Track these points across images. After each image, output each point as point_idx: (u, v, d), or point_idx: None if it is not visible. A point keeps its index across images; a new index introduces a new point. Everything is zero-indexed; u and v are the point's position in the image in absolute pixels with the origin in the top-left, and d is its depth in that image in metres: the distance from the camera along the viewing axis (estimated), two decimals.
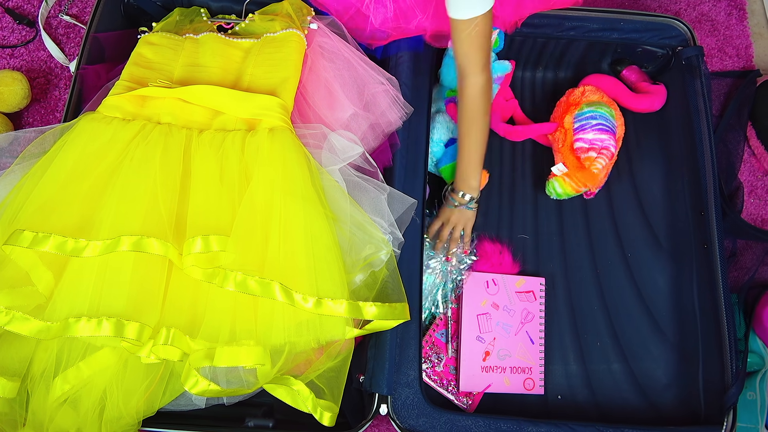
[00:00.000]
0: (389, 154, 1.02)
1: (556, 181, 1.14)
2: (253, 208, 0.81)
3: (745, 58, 1.41)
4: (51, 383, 0.82)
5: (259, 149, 0.85)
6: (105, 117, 0.88)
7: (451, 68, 1.14)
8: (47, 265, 0.80)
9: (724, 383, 0.99)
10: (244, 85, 0.93)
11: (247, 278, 0.76)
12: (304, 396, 0.84)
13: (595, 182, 1.12)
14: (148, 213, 0.80)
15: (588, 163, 1.09)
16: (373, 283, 0.88)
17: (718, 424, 0.97)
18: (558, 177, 1.14)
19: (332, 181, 0.87)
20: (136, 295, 0.78)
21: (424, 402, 0.93)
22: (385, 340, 0.92)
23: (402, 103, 1.01)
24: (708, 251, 1.05)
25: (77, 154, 0.83)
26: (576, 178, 1.12)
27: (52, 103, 1.27)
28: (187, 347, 0.79)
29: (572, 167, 1.12)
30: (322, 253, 0.81)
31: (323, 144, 0.90)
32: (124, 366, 0.84)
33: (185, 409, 0.89)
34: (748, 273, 1.16)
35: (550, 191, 1.16)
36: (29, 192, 0.80)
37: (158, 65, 0.96)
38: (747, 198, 1.28)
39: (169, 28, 1.04)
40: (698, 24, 1.43)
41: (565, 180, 1.13)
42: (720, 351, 1.01)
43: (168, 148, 0.85)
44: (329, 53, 0.98)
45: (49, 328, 0.77)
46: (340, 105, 0.95)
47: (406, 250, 0.94)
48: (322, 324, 0.81)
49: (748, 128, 1.31)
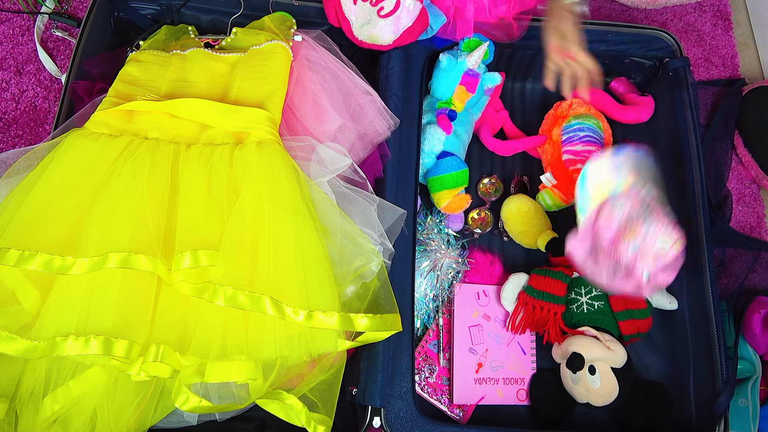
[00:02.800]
0: (380, 165, 1.02)
1: (546, 193, 1.14)
2: (242, 221, 0.81)
3: (731, 68, 1.43)
4: (40, 403, 0.81)
5: (247, 163, 0.85)
6: (92, 133, 0.88)
7: (441, 80, 1.14)
8: (34, 283, 0.79)
9: (715, 391, 0.99)
10: (231, 99, 0.93)
11: (237, 293, 0.76)
12: (297, 410, 0.83)
13: None
14: (136, 229, 0.79)
15: (576, 175, 1.10)
16: (365, 294, 0.87)
17: None
18: (548, 189, 1.14)
19: (321, 193, 0.87)
20: (124, 312, 0.77)
21: (417, 414, 0.92)
22: (378, 352, 0.92)
23: (389, 114, 1.01)
24: (697, 260, 1.06)
25: (64, 171, 0.83)
26: (566, 189, 1.12)
27: (41, 116, 1.26)
28: (177, 364, 0.79)
29: (561, 179, 1.13)
30: (312, 266, 0.81)
31: (311, 156, 0.90)
32: (114, 384, 0.83)
33: (177, 426, 0.88)
34: (738, 280, 1.16)
35: (540, 203, 1.16)
36: (15, 209, 0.80)
37: (145, 82, 0.96)
38: (735, 206, 1.29)
39: (156, 46, 1.04)
40: (684, 34, 1.45)
41: (555, 192, 1.13)
42: (710, 359, 1.01)
43: (156, 163, 0.85)
44: (315, 65, 0.98)
45: (36, 348, 0.76)
46: (328, 117, 0.95)
47: (397, 260, 0.94)
48: (313, 337, 0.81)
49: (735, 137, 1.32)
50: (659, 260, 0.90)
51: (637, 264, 0.90)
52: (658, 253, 0.89)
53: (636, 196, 0.92)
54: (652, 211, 0.91)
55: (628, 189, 0.93)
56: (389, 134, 1.02)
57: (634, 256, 0.90)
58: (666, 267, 0.90)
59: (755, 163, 1.29)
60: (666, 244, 0.89)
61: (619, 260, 0.91)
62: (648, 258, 0.90)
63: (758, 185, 1.33)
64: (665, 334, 1.11)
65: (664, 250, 0.89)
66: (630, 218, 0.91)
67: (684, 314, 1.08)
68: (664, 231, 0.90)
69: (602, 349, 1.01)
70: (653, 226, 0.90)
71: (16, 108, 1.26)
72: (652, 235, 0.90)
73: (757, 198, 1.32)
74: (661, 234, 0.90)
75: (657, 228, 0.90)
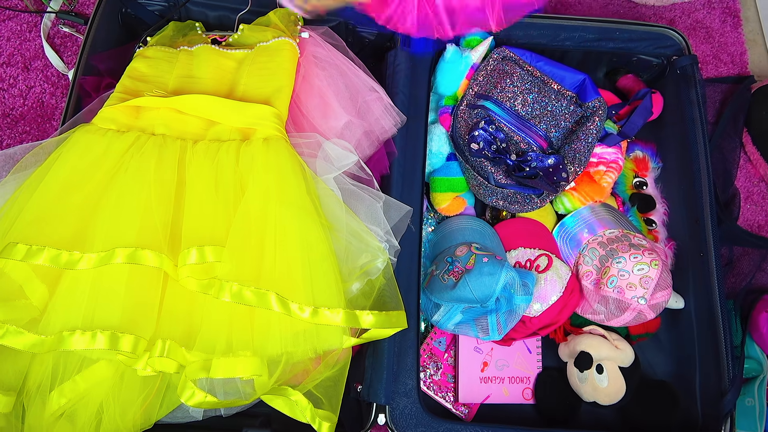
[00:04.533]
0: (386, 162, 1.01)
1: (565, 196, 1.13)
2: (249, 218, 0.81)
3: (740, 65, 1.42)
4: (47, 397, 0.82)
5: (253, 159, 0.85)
6: (99, 129, 0.88)
7: (445, 73, 1.13)
8: (41, 277, 0.79)
9: (721, 390, 0.98)
10: (238, 95, 0.93)
11: (242, 289, 0.76)
12: (303, 406, 0.83)
13: (603, 195, 1.12)
14: (142, 225, 0.79)
15: (598, 177, 1.10)
16: (370, 291, 0.87)
17: None
18: (567, 192, 1.13)
19: (327, 189, 0.87)
20: (131, 307, 0.78)
21: (422, 411, 0.92)
22: (383, 349, 0.92)
23: (396, 111, 1.01)
24: (704, 259, 1.05)
25: (71, 166, 0.83)
26: (585, 192, 1.11)
27: (48, 112, 1.27)
28: (183, 359, 0.79)
29: (580, 181, 1.12)
30: (318, 262, 0.81)
31: (318, 153, 0.90)
32: (121, 379, 0.84)
33: (182, 421, 0.89)
34: (745, 279, 1.15)
35: (558, 207, 1.15)
36: (23, 204, 0.80)
37: (152, 78, 0.96)
38: (743, 204, 1.28)
39: (164, 42, 1.04)
40: (693, 31, 1.44)
41: (574, 195, 1.12)
42: (717, 358, 1.00)
43: (162, 159, 0.85)
44: (322, 62, 0.98)
45: (44, 342, 0.76)
46: (334, 113, 0.95)
47: (403, 258, 0.94)
48: (319, 333, 0.81)
49: (743, 134, 1.31)
50: (647, 283, 0.98)
51: (627, 295, 0.98)
52: (642, 278, 0.97)
53: (599, 242, 1.05)
54: (618, 249, 1.02)
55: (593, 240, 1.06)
56: (396, 131, 1.02)
57: (619, 291, 0.98)
58: (657, 286, 0.98)
59: (764, 161, 1.28)
60: (644, 267, 0.98)
61: (607, 299, 1.00)
62: (636, 287, 0.98)
63: (766, 183, 1.31)
64: (671, 333, 1.10)
65: (646, 274, 0.97)
66: (600, 262, 1.03)
67: (690, 313, 1.07)
68: (637, 258, 0.99)
69: (610, 348, 1.01)
70: (623, 260, 1.00)
71: (24, 104, 1.27)
72: (627, 267, 0.99)
73: (765, 196, 1.31)
74: (635, 262, 0.99)
75: (628, 259, 1.00)
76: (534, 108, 1.10)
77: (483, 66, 1.12)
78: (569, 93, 1.12)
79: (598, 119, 1.07)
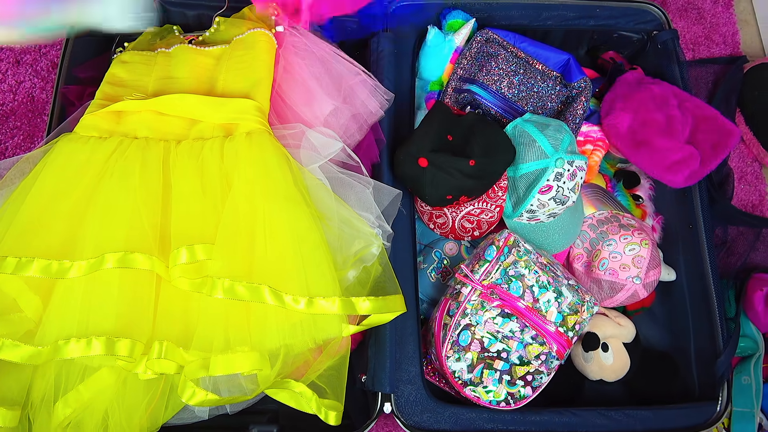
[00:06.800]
0: (376, 150, 1.01)
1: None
2: (237, 213, 0.80)
3: (732, 45, 1.40)
4: (52, 408, 0.82)
5: (237, 154, 0.84)
6: (81, 137, 0.87)
7: (430, 58, 1.12)
8: (34, 289, 0.79)
9: (715, 353, 0.99)
10: (218, 92, 0.93)
11: (234, 284, 0.75)
12: (307, 397, 0.83)
13: (591, 174, 1.11)
14: (131, 228, 0.79)
15: None
16: (366, 278, 0.87)
17: (713, 400, 0.96)
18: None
19: (315, 179, 0.86)
20: (125, 311, 0.78)
21: (426, 397, 0.92)
22: (385, 338, 0.91)
23: (382, 91, 1.00)
24: (693, 231, 1.06)
25: (56, 176, 0.83)
26: None
27: (39, 106, 1.25)
28: (182, 359, 0.79)
29: None
30: (310, 253, 0.80)
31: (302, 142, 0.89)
32: (124, 384, 0.83)
33: (190, 422, 0.89)
34: (741, 259, 1.15)
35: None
36: (11, 218, 0.80)
37: (132, 82, 0.95)
38: (737, 184, 1.28)
39: (141, 47, 1.04)
40: (685, 12, 1.42)
41: None
42: (710, 326, 1.01)
43: (147, 162, 0.84)
44: (301, 51, 0.97)
45: (40, 353, 0.76)
46: (318, 101, 0.94)
47: (397, 242, 0.93)
48: (316, 323, 0.80)
49: (736, 115, 1.30)
50: (640, 262, 0.98)
51: (621, 276, 0.99)
52: (635, 257, 0.98)
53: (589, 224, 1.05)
54: (609, 231, 1.03)
55: None
56: (383, 114, 1.01)
57: (612, 273, 0.99)
58: (649, 264, 0.99)
59: (757, 141, 1.28)
60: (635, 247, 0.99)
61: (600, 281, 1.00)
62: (630, 267, 0.98)
63: (760, 163, 1.31)
64: (665, 305, 1.10)
65: (638, 253, 0.98)
66: (591, 245, 1.04)
67: (683, 285, 1.08)
68: (628, 239, 1.00)
69: (613, 326, 1.01)
70: (614, 242, 1.01)
71: (14, 99, 1.25)
72: (618, 249, 1.00)
73: (758, 176, 1.31)
74: (626, 243, 1.00)
75: (619, 241, 1.01)
76: (520, 90, 1.09)
77: (467, 49, 1.10)
78: (554, 73, 1.10)
79: (585, 99, 1.06)
